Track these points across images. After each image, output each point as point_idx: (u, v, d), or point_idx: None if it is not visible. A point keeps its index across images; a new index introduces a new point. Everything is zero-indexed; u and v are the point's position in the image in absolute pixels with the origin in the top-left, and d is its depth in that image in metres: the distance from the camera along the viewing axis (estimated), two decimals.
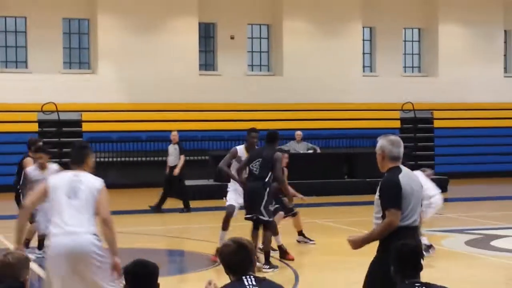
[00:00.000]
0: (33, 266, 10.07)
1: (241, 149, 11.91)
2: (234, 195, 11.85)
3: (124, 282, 5.09)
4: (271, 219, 11.17)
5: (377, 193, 6.35)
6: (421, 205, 6.47)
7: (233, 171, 11.68)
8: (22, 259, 5.24)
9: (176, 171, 18.35)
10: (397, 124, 28.42)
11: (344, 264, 11.42)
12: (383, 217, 6.24)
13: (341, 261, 11.70)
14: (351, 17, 28.91)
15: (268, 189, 11.08)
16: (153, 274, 5.05)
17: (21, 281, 5.18)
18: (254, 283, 4.95)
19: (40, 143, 12.87)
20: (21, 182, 12.34)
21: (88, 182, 6.88)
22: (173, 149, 18.85)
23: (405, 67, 30.82)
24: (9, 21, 26.32)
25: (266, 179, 11.08)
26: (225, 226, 11.73)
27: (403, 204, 6.21)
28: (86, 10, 26.56)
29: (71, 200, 6.78)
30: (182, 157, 18.48)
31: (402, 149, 6.41)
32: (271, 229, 11.22)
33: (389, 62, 29.90)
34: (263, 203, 11.00)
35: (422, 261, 5.35)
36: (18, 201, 12.46)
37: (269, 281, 5.09)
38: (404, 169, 6.39)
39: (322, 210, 18.87)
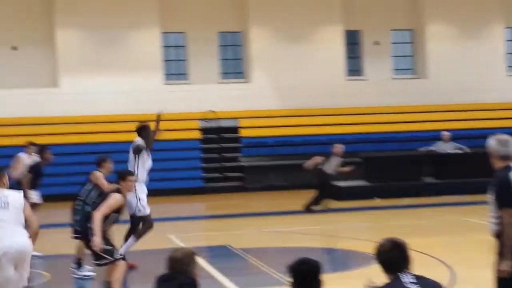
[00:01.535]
0: None
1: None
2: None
3: (290, 279, 5.08)
4: None
5: (490, 193, 6.13)
6: None
7: None
8: (190, 254, 5.27)
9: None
10: None
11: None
12: (498, 218, 6.04)
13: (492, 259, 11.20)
14: (492, 19, 27.98)
15: None
16: (316, 271, 5.04)
17: (192, 276, 5.20)
18: (412, 280, 4.86)
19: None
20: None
21: (13, 196, 7.61)
22: (336, 160, 18.67)
23: None
24: (171, 37, 27.08)
25: None
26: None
27: None
28: (239, 23, 26.97)
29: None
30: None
31: (511, 148, 6.16)
32: None
33: None
34: None
35: None
36: None
37: (427, 278, 4.96)
38: None
39: (473, 209, 18.21)
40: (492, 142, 6.26)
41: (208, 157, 25.39)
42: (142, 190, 11.72)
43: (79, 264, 11.22)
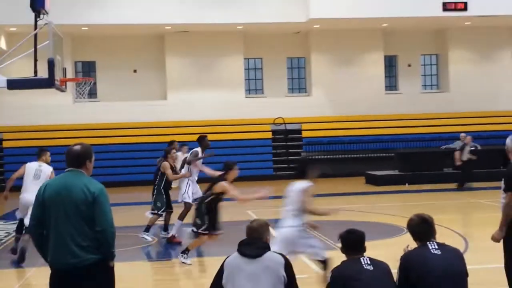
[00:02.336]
0: None
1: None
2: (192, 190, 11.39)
3: (340, 245, 5.03)
4: None
5: (503, 180, 5.95)
6: None
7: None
8: (264, 224, 5.20)
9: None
10: None
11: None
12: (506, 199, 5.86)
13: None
14: (502, 45, 27.13)
15: None
16: (361, 239, 5.00)
17: (265, 241, 5.17)
18: (436, 247, 4.82)
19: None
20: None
21: (46, 169, 8.98)
22: (468, 149, 18.85)
23: None
24: (251, 62, 27.17)
25: None
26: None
27: None
28: (303, 51, 26.85)
29: (35, 180, 8.78)
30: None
31: None
32: None
33: None
34: None
35: None
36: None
37: (448, 246, 4.89)
38: None
39: (485, 193, 17.69)
40: (508, 141, 6.16)
41: (277, 152, 25.39)
42: (193, 186, 11.69)
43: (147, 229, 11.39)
